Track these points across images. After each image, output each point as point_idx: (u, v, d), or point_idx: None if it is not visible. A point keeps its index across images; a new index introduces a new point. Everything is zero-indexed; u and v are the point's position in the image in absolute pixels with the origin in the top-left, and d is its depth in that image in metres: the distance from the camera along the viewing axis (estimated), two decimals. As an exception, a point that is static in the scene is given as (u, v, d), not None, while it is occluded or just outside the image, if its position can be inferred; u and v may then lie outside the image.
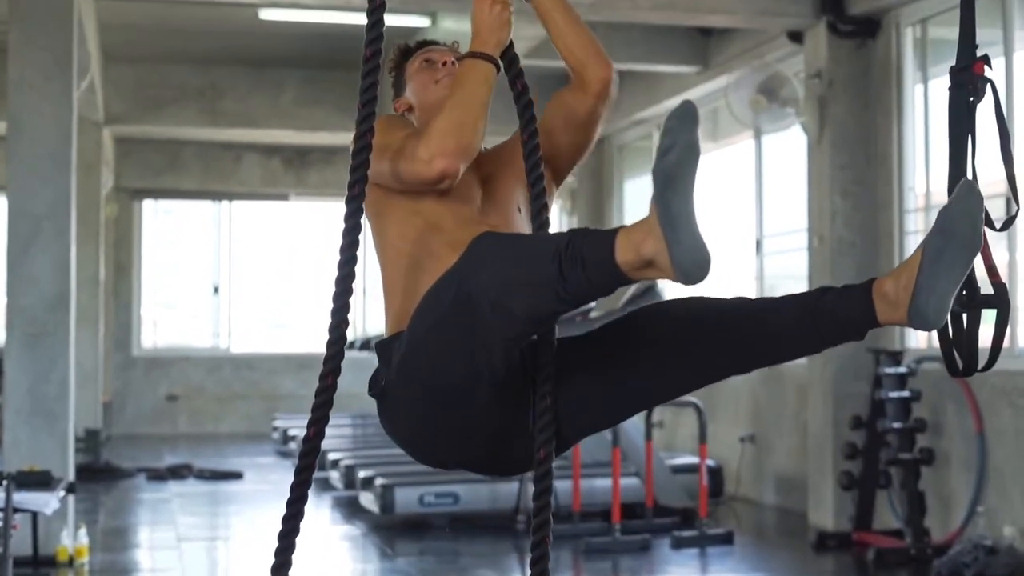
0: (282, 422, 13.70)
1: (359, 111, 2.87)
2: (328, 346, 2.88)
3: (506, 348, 2.66)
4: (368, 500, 8.73)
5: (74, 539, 7.14)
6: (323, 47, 12.59)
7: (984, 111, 2.72)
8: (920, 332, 5.46)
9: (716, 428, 10.15)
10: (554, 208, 3.34)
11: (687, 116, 2.38)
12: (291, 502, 2.92)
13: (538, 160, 2.99)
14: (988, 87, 2.71)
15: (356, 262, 2.89)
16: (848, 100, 8.63)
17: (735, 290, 9.68)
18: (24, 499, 6.17)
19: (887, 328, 7.42)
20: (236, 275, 16.63)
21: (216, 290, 16.54)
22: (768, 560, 8.12)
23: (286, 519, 2.91)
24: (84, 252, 11.45)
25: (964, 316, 2.68)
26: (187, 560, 7.74)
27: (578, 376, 2.82)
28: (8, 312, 7.34)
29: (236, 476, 11.46)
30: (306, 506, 2.93)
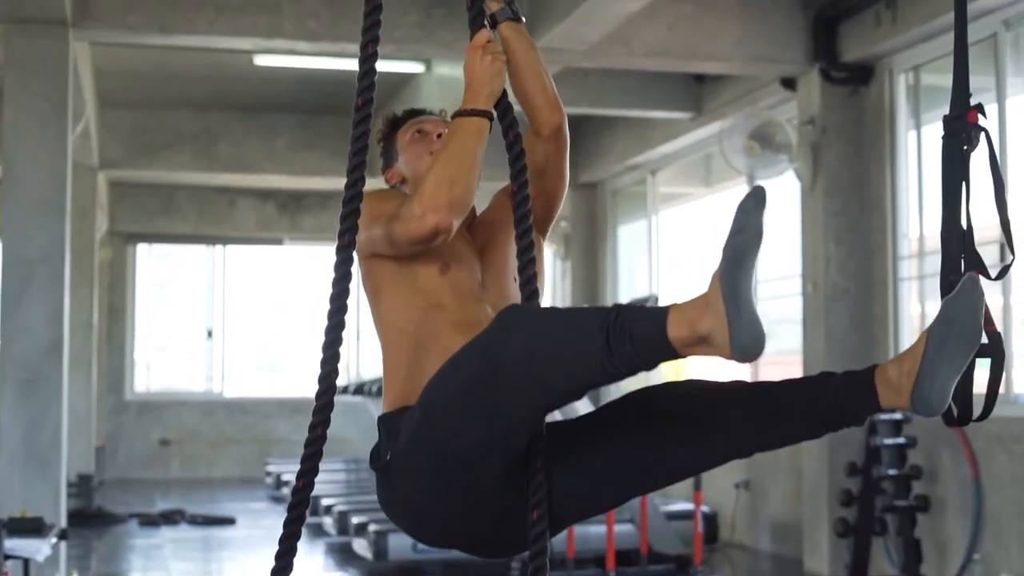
0: (275, 467, 13.67)
1: (350, 159, 2.86)
2: (317, 396, 2.86)
3: (530, 418, 2.62)
4: (361, 546, 8.67)
5: (65, 586, 7.10)
6: (317, 93, 12.64)
7: (977, 158, 2.73)
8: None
9: (711, 474, 10.08)
10: (547, 252, 3.30)
11: (760, 200, 2.42)
12: (280, 554, 2.89)
13: (527, 212, 2.95)
14: (982, 135, 2.72)
15: (346, 311, 2.86)
16: (841, 146, 8.67)
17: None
18: (16, 546, 6.12)
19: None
20: (230, 319, 16.62)
21: (210, 334, 16.52)
22: (763, 607, 8.09)
23: (275, 572, 2.88)
24: (78, 296, 11.44)
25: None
26: (178, 607, 7.69)
27: (575, 458, 2.79)
28: (2, 359, 7.33)
29: (229, 522, 11.41)
30: (295, 557, 2.90)
